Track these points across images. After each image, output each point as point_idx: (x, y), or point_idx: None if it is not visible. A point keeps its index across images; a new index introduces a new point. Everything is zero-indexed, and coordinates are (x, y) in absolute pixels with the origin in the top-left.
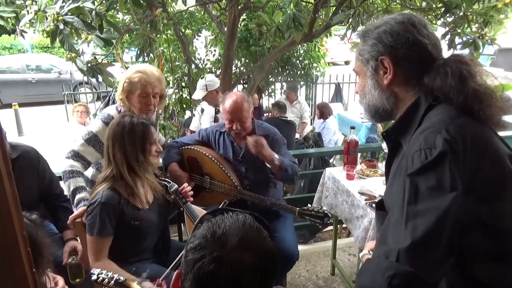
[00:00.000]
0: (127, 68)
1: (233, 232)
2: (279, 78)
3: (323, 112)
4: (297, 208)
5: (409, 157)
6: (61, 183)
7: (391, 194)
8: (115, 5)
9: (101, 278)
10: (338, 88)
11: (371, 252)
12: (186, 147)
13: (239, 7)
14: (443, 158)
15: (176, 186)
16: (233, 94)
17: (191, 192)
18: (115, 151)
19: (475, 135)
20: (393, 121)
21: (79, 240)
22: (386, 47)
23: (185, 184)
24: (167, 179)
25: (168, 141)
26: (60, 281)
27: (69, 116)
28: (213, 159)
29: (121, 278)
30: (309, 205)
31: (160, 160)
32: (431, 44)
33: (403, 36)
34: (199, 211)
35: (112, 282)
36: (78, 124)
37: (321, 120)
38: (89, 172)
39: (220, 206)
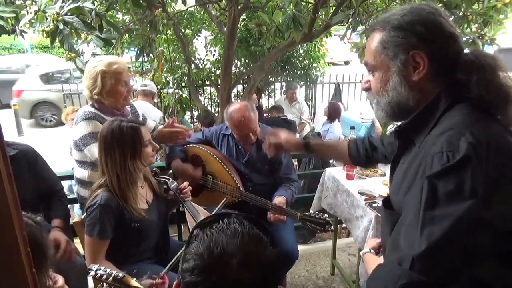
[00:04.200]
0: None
1: (231, 250)
2: (279, 78)
3: (332, 113)
4: (299, 214)
5: (429, 158)
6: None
7: (400, 192)
8: (114, 5)
9: (99, 274)
10: (337, 88)
11: (372, 251)
12: (190, 145)
13: (239, 7)
14: (466, 163)
15: (176, 183)
16: (237, 107)
17: (190, 188)
18: (106, 160)
19: (499, 139)
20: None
21: (77, 241)
22: (421, 40)
23: (186, 183)
24: (166, 177)
25: None
26: (60, 280)
27: None
28: (217, 159)
29: (120, 274)
30: (311, 211)
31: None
32: (459, 36)
33: (438, 28)
34: (200, 209)
35: (111, 278)
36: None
37: (326, 119)
38: (85, 173)
39: (220, 204)
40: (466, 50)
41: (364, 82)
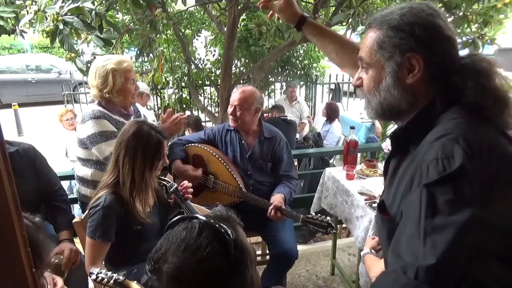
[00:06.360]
0: None
1: (167, 258)
2: (279, 78)
3: (330, 114)
4: (301, 216)
5: (424, 165)
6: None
7: (396, 199)
8: (114, 5)
9: (100, 278)
10: (337, 88)
11: (372, 251)
12: (191, 145)
13: (239, 7)
14: (462, 172)
15: (175, 185)
16: (247, 87)
17: (191, 190)
18: (125, 161)
19: (492, 143)
20: (393, 121)
21: (77, 241)
22: (419, 42)
23: (185, 182)
24: (166, 179)
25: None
26: (59, 281)
27: None
28: (219, 158)
29: (120, 277)
30: (313, 213)
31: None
32: (456, 40)
33: (437, 31)
34: (200, 209)
35: (112, 281)
36: (68, 131)
37: (325, 119)
38: (89, 171)
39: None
40: (463, 52)
41: (356, 79)
